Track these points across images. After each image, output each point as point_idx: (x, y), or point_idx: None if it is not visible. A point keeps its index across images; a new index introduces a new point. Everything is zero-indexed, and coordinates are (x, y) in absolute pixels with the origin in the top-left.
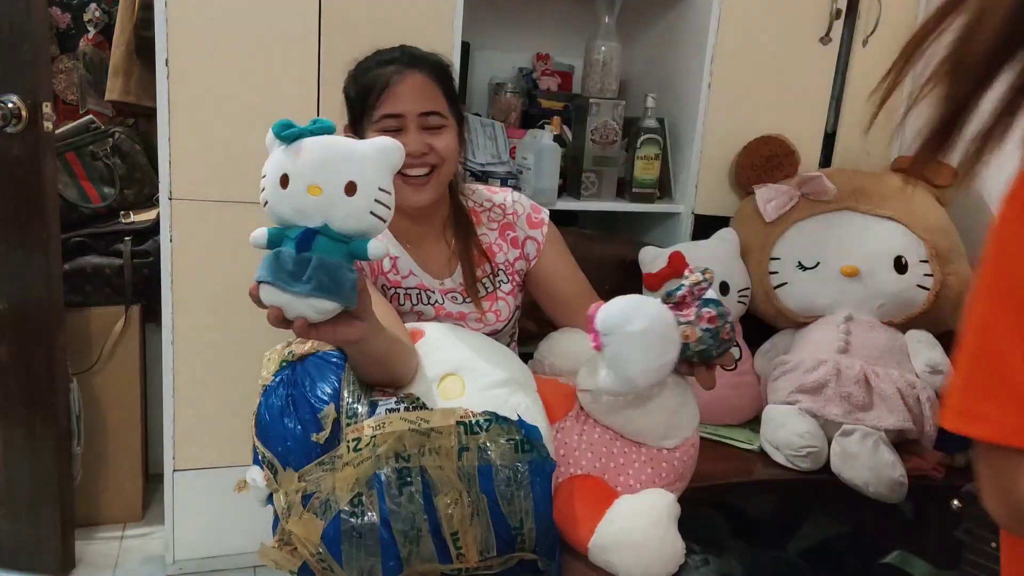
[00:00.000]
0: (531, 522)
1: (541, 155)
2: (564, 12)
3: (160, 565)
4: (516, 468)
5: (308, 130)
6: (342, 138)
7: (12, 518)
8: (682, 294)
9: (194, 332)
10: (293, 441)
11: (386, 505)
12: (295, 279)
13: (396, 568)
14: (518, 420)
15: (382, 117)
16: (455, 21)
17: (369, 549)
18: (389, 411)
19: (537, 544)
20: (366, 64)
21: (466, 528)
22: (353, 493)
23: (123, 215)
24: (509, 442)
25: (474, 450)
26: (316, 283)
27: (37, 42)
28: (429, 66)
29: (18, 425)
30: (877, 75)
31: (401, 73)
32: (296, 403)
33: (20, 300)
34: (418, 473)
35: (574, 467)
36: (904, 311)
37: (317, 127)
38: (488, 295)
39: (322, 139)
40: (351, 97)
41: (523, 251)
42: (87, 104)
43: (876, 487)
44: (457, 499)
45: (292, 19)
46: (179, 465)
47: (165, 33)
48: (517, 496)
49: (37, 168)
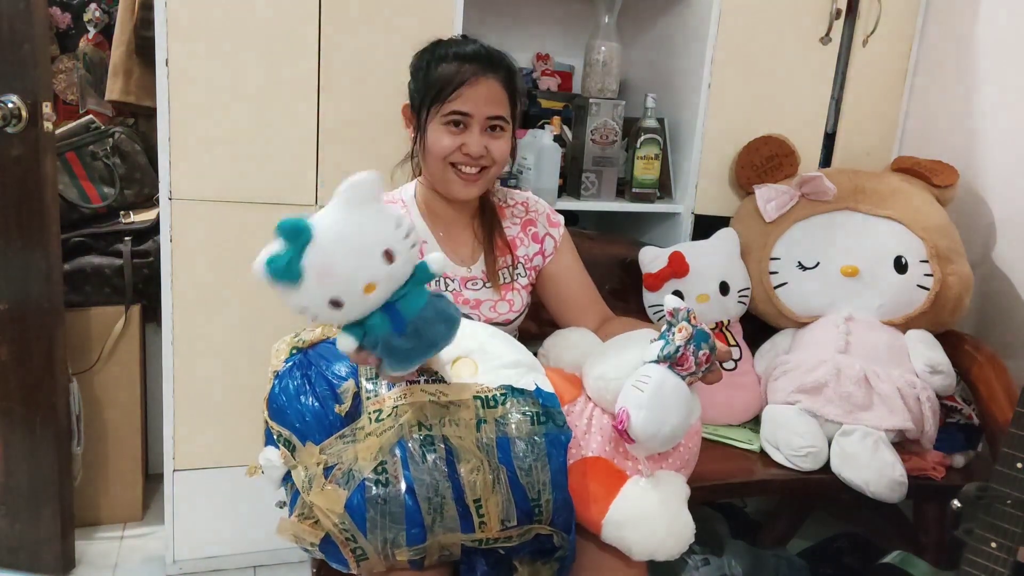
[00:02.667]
0: (548, 493)
1: (541, 155)
2: (564, 12)
3: (160, 565)
4: (533, 441)
5: (297, 253)
6: (339, 230)
7: (12, 518)
8: (681, 355)
9: (194, 332)
10: (312, 416)
11: (410, 472)
12: (415, 352)
13: (419, 536)
14: (535, 389)
15: (451, 112)
16: (455, 21)
17: (394, 516)
18: (410, 383)
19: (554, 517)
20: (442, 52)
21: (488, 495)
22: (377, 461)
23: (123, 215)
24: (526, 415)
25: (491, 423)
26: (429, 340)
27: (37, 42)
28: (505, 71)
29: (18, 425)
30: (877, 75)
31: (478, 75)
32: (312, 382)
33: (20, 300)
34: (441, 441)
35: (585, 450)
36: (904, 311)
37: (299, 243)
38: (506, 285)
39: (326, 249)
40: (420, 81)
41: (542, 247)
42: (87, 104)
43: (876, 487)
44: (479, 467)
45: (292, 19)
46: (179, 465)
47: (165, 33)
48: (535, 467)
49: (37, 168)
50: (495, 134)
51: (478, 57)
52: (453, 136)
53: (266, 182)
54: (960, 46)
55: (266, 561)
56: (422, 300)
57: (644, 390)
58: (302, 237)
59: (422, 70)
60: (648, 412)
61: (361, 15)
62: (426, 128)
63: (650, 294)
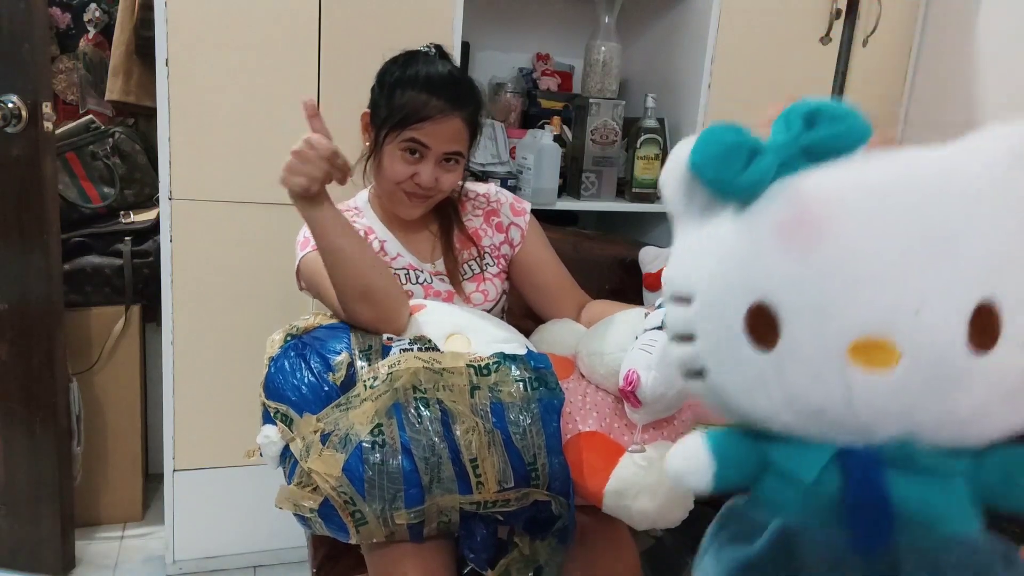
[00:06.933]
0: (544, 457)
1: (541, 155)
2: (564, 12)
3: (160, 565)
4: (528, 407)
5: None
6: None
7: (12, 518)
8: None
9: (194, 332)
10: (308, 388)
11: (406, 433)
12: None
13: (418, 497)
14: (527, 352)
15: (410, 139)
16: (455, 21)
17: (391, 477)
18: (403, 351)
19: (551, 483)
20: (415, 75)
21: (484, 455)
22: (373, 424)
23: (123, 215)
24: (518, 381)
25: (485, 389)
26: None
27: (37, 42)
28: (471, 110)
29: (18, 425)
30: (877, 75)
31: (445, 113)
32: (306, 358)
33: (20, 300)
34: (436, 403)
35: (581, 424)
36: None
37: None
38: (475, 276)
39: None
40: (384, 98)
41: (507, 236)
42: (87, 104)
43: None
44: (474, 427)
45: (292, 19)
46: (179, 465)
47: (165, 33)
48: (530, 431)
49: (37, 168)
50: (448, 166)
51: (446, 89)
52: (407, 165)
53: (266, 182)
54: (960, 46)
55: (266, 561)
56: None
57: (652, 352)
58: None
59: (388, 87)
60: (657, 373)
61: (361, 16)
62: (382, 147)
63: (650, 294)
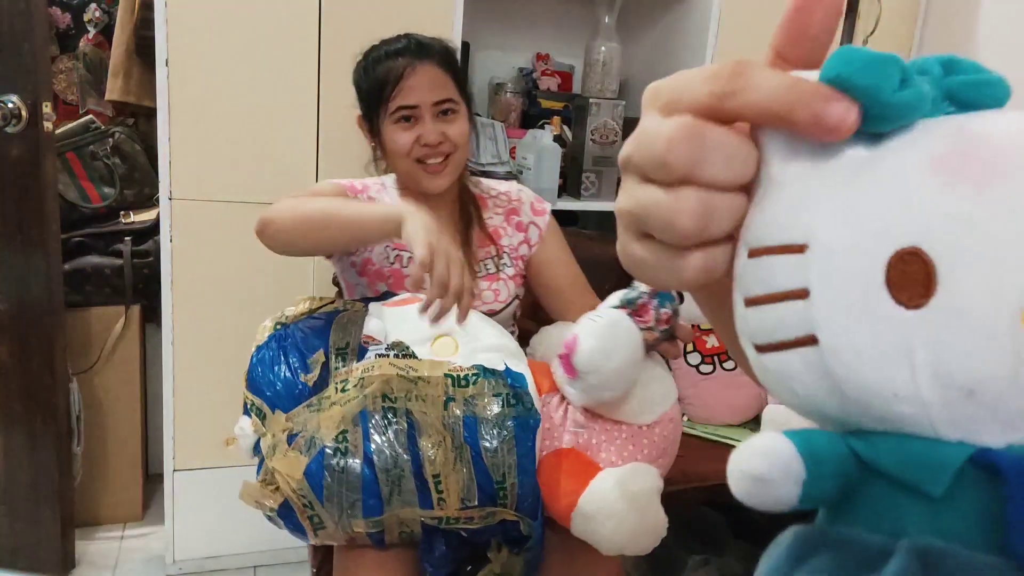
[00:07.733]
0: (514, 477)
1: (541, 155)
2: (564, 12)
3: (160, 565)
4: (502, 423)
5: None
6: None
7: (12, 518)
8: (642, 302)
9: (194, 332)
10: (283, 385)
11: (370, 443)
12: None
13: (376, 507)
14: (504, 369)
15: (398, 109)
16: (455, 21)
17: (351, 486)
18: (379, 356)
19: (520, 504)
20: (375, 55)
21: (448, 472)
22: (338, 430)
23: (123, 215)
24: (496, 396)
25: (460, 401)
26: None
27: (37, 42)
28: (438, 54)
29: (18, 425)
30: None
31: (413, 65)
32: (286, 353)
33: (20, 300)
34: (404, 415)
35: (558, 441)
36: None
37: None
38: (490, 275)
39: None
40: (363, 89)
41: (526, 235)
42: (87, 104)
43: None
44: (440, 442)
45: (292, 19)
46: (179, 465)
47: (165, 33)
48: (501, 450)
49: (37, 168)
50: (448, 118)
51: (408, 47)
52: (407, 131)
53: (266, 182)
54: (960, 46)
55: (266, 561)
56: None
57: (598, 321)
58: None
59: (360, 78)
60: (596, 342)
61: (361, 15)
62: (381, 132)
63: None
